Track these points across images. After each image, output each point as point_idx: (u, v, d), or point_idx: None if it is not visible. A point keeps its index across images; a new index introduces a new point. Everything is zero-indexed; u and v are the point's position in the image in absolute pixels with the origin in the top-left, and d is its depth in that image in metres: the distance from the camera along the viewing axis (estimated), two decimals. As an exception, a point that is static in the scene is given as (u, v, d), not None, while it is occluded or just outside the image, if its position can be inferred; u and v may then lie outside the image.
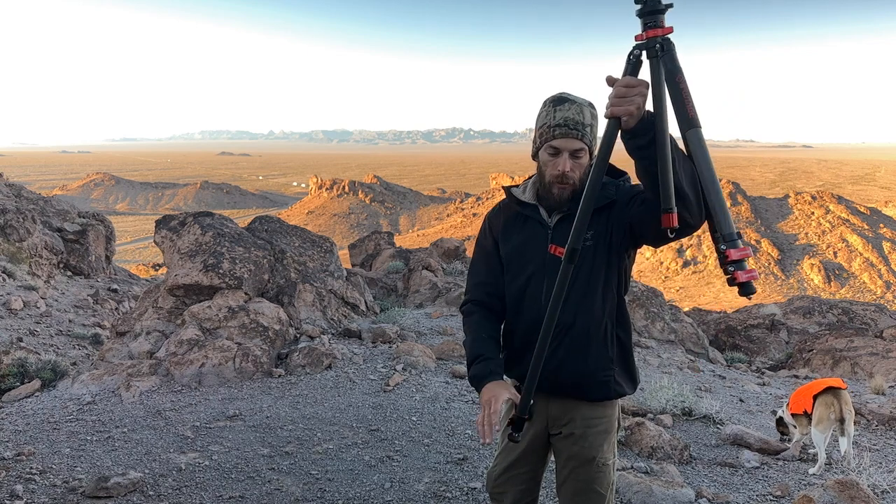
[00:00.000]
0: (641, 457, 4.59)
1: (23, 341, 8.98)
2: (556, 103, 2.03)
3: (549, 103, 2.05)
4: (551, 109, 2.03)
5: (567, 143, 2.00)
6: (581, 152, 2.02)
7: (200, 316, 6.46)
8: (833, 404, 4.40)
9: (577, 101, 2.02)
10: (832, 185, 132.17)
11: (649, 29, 1.66)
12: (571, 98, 2.03)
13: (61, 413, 5.11)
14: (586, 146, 2.02)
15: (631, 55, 1.70)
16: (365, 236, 16.26)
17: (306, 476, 3.99)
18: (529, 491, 2.26)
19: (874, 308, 14.14)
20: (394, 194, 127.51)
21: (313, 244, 8.63)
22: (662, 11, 1.65)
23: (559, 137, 2.01)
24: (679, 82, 1.64)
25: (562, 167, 2.02)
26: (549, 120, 2.03)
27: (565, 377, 2.10)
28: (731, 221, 1.61)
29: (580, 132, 2.00)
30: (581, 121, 2.00)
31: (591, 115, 2.03)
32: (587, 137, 2.01)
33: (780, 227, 76.86)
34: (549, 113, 2.03)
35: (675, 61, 1.65)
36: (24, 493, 3.64)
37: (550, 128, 2.02)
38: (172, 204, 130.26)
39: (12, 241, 13.14)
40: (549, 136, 2.03)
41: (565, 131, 2.00)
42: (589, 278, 2.05)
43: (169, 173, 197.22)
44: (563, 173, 2.02)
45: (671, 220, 1.70)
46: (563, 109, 2.00)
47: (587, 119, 2.01)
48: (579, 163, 2.03)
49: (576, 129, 1.99)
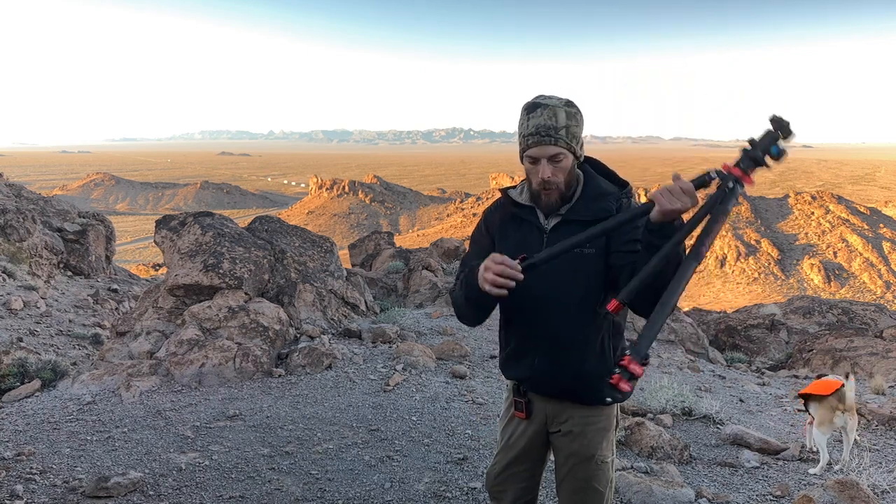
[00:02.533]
0: (641, 457, 4.59)
1: (23, 341, 8.97)
2: (529, 111, 2.00)
3: (523, 111, 2.03)
4: (524, 118, 2.01)
5: (542, 150, 1.98)
6: (559, 156, 2.00)
7: (200, 316, 6.46)
8: (837, 407, 4.41)
9: (549, 105, 1.98)
10: (832, 185, 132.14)
11: (739, 168, 1.76)
12: (544, 102, 1.99)
13: (61, 413, 5.11)
14: (563, 148, 1.99)
15: (707, 174, 1.79)
16: (365, 236, 16.27)
17: (306, 476, 3.99)
18: (529, 489, 2.26)
19: (874, 308, 14.14)
20: (394, 194, 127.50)
21: (313, 244, 8.63)
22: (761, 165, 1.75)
23: (533, 146, 1.99)
24: (717, 221, 1.74)
25: (542, 175, 2.01)
26: (523, 129, 2.01)
27: (563, 384, 2.10)
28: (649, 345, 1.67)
29: (553, 137, 1.97)
30: (554, 125, 1.97)
31: (566, 115, 1.99)
32: (563, 140, 1.98)
33: (780, 227, 76.83)
34: (523, 122, 2.01)
35: (729, 203, 1.75)
36: (25, 492, 3.64)
37: (524, 137, 2.01)
38: (172, 204, 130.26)
39: (12, 241, 13.14)
40: (525, 146, 2.02)
41: (538, 139, 1.97)
42: (589, 287, 2.04)
43: (169, 173, 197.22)
44: (546, 180, 2.01)
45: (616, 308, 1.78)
46: (535, 116, 1.98)
47: (561, 121, 1.97)
48: (560, 167, 2.01)
49: (548, 134, 1.96)
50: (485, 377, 6.41)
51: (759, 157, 1.73)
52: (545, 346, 2.09)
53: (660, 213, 1.76)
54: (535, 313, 2.08)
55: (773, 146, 1.72)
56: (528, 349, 2.13)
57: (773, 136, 1.73)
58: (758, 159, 1.73)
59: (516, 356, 2.17)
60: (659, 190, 1.77)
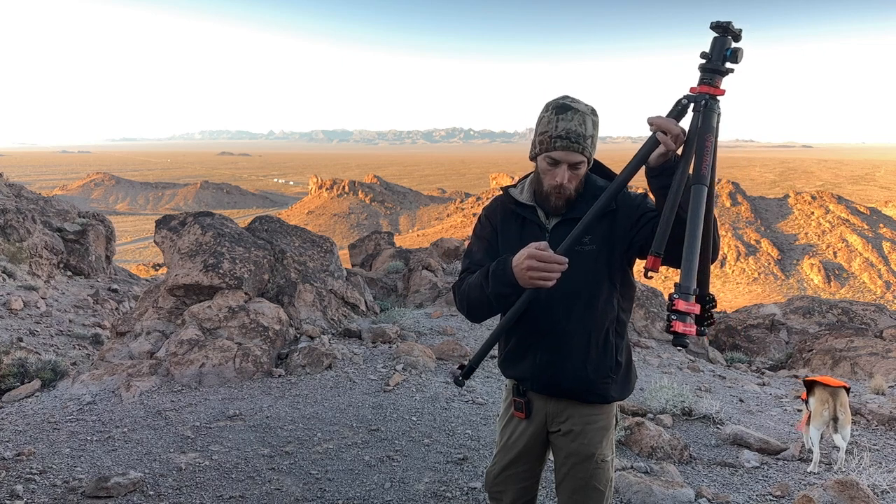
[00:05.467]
0: (641, 457, 4.59)
1: (23, 341, 8.97)
2: (559, 111, 1.95)
3: (551, 110, 1.97)
4: (553, 117, 1.96)
5: (568, 156, 1.95)
6: (580, 165, 1.99)
7: (200, 316, 6.46)
8: (828, 401, 4.38)
9: (580, 110, 1.95)
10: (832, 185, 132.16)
11: (704, 84, 1.77)
12: (574, 106, 1.96)
13: (61, 413, 5.11)
14: (586, 158, 1.99)
15: (679, 102, 1.81)
16: (365, 236, 16.27)
17: (306, 476, 3.99)
18: (528, 489, 2.26)
19: (874, 308, 14.12)
20: (394, 194, 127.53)
21: (313, 244, 8.63)
22: (722, 73, 1.76)
23: (560, 150, 1.95)
24: (705, 140, 1.74)
25: (560, 179, 1.98)
26: (550, 129, 1.96)
27: (565, 383, 2.10)
28: (693, 278, 1.62)
29: (581, 145, 1.95)
30: (583, 133, 1.94)
31: (592, 123, 1.97)
32: (588, 150, 1.97)
33: (779, 227, 76.85)
34: (552, 121, 1.96)
35: (710, 120, 1.75)
36: (25, 492, 3.64)
37: (552, 138, 1.95)
38: (172, 204, 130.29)
39: (12, 241, 13.14)
40: (549, 147, 1.97)
41: (566, 144, 1.94)
42: (592, 284, 2.04)
43: (169, 173, 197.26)
44: (561, 185, 1.99)
45: (654, 263, 1.74)
46: (566, 119, 1.94)
47: (589, 130, 1.96)
48: (577, 174, 2.00)
49: (577, 142, 1.94)
50: (485, 377, 6.41)
51: (717, 66, 1.75)
52: (546, 345, 2.09)
53: (661, 155, 1.80)
54: (537, 311, 2.06)
55: (727, 50, 1.74)
56: (528, 347, 2.13)
57: (722, 41, 1.75)
58: (717, 68, 1.75)
59: (516, 355, 2.17)
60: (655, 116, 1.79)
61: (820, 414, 4.40)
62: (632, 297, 2.16)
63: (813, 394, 4.54)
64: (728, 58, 1.75)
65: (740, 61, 1.75)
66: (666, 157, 1.79)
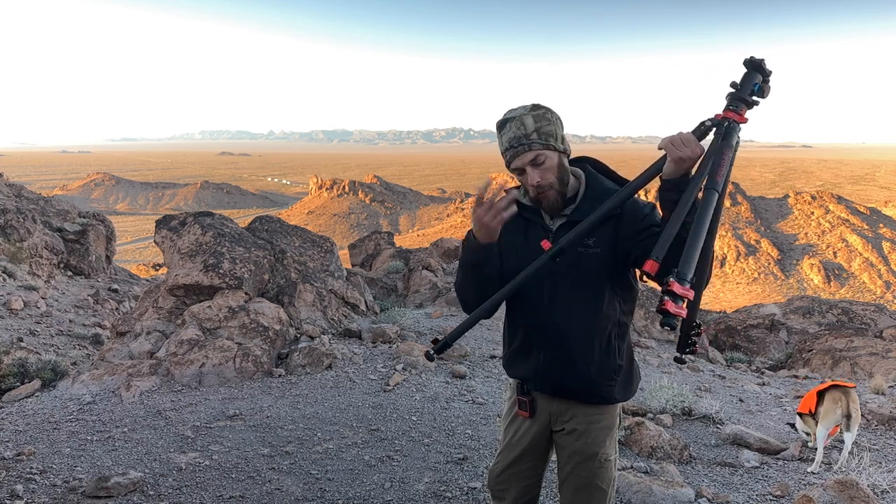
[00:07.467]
0: (641, 456, 4.59)
1: (23, 341, 8.97)
2: (500, 129, 2.08)
3: (497, 131, 2.10)
4: (499, 137, 2.09)
5: (520, 159, 2.04)
6: (539, 157, 2.03)
7: (201, 316, 6.46)
8: (840, 400, 4.43)
9: (515, 116, 2.04)
10: (832, 185, 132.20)
11: (729, 110, 1.84)
12: (509, 116, 2.05)
13: (61, 413, 5.11)
14: (540, 149, 2.02)
15: (703, 124, 1.87)
16: (365, 236, 16.28)
17: (306, 476, 3.99)
18: (531, 488, 2.27)
19: (874, 308, 14.11)
20: (394, 194, 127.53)
21: (313, 244, 8.63)
22: (748, 105, 1.85)
23: (513, 159, 2.05)
24: (723, 153, 1.79)
25: (531, 180, 2.05)
26: (501, 148, 2.09)
27: (568, 384, 2.11)
28: (692, 268, 1.64)
29: (526, 144, 2.02)
30: (524, 132, 2.02)
31: (533, 118, 2.03)
32: (536, 143, 2.02)
33: (779, 227, 76.87)
34: (500, 141, 2.09)
35: (731, 139, 1.82)
36: (25, 492, 3.64)
37: (504, 153, 2.08)
38: (172, 204, 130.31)
39: (13, 241, 13.14)
40: (507, 162, 2.09)
41: (514, 152, 2.04)
42: (594, 286, 2.05)
43: (169, 173, 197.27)
44: (537, 184, 2.05)
45: (652, 267, 1.74)
46: (506, 132, 2.05)
47: (530, 126, 2.02)
48: (545, 167, 2.04)
49: (521, 144, 2.02)
50: (485, 377, 6.41)
51: (744, 97, 1.84)
52: (551, 344, 2.10)
53: (672, 162, 1.81)
54: (540, 311, 2.09)
55: (755, 84, 1.83)
56: (533, 346, 2.14)
57: (752, 76, 1.84)
58: (744, 98, 1.84)
59: (521, 354, 2.18)
60: (664, 142, 1.82)
61: (833, 412, 4.43)
62: (634, 301, 2.17)
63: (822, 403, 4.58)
64: (756, 92, 1.84)
65: (766, 97, 1.84)
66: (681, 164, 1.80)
